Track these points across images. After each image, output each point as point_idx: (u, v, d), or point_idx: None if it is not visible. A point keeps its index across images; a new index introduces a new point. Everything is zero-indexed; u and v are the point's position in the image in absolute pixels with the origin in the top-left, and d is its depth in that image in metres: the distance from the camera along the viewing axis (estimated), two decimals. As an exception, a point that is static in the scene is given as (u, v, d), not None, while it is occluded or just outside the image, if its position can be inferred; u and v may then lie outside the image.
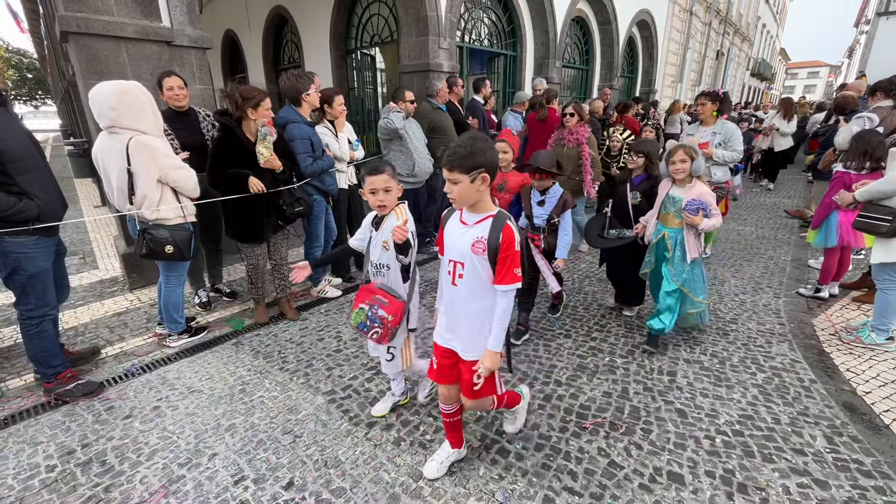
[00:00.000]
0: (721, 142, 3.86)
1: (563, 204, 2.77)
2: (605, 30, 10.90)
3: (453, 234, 1.66)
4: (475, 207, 1.60)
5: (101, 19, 3.37)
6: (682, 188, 2.70)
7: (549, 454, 2.03)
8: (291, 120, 3.22)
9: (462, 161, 1.47)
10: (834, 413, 2.28)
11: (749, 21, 23.25)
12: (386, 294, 1.99)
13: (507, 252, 1.54)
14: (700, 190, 2.64)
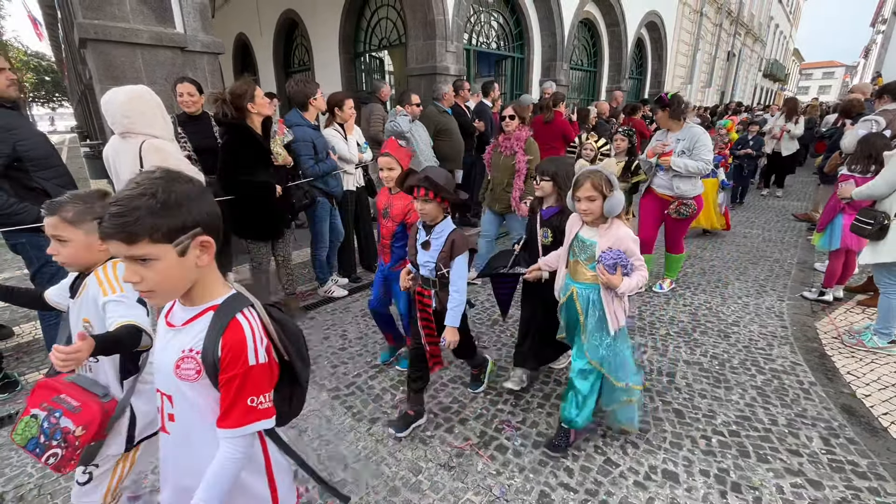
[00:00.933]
0: (685, 149, 3.29)
1: (452, 247, 1.95)
2: (613, 31, 10.90)
3: (157, 345, 1.07)
4: (190, 296, 0.99)
5: (117, 26, 3.48)
6: (595, 229, 1.93)
7: (547, 451, 2.07)
8: (296, 123, 3.31)
9: (153, 222, 0.85)
10: (832, 415, 2.30)
11: (761, 21, 23.01)
12: (79, 392, 1.25)
13: (232, 371, 0.95)
14: (618, 233, 1.87)
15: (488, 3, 7.95)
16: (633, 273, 1.84)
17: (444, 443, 2.13)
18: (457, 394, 2.51)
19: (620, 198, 1.84)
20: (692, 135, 3.29)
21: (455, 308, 2.00)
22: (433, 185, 1.86)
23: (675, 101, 3.27)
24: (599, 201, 1.83)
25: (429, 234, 2.00)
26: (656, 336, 3.12)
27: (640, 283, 1.84)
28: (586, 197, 1.83)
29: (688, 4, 13.70)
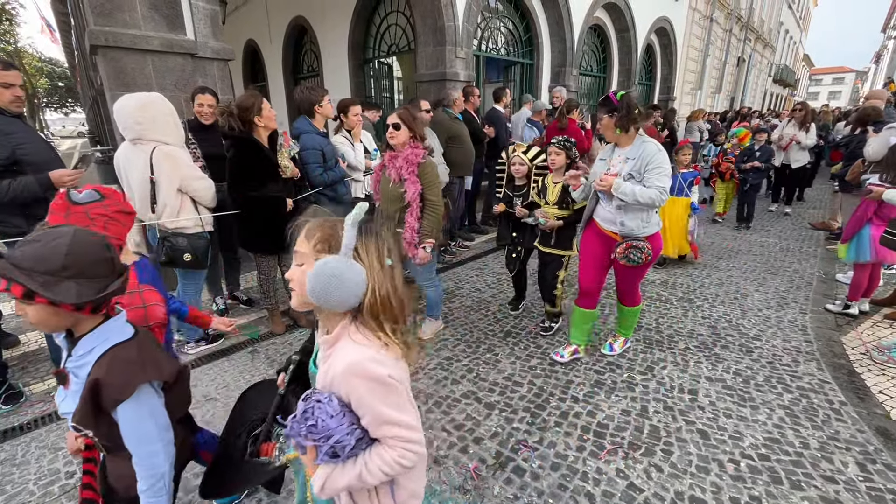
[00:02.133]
0: (635, 171, 2.39)
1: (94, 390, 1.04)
2: (622, 37, 10.83)
3: None
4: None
5: (128, 33, 3.47)
6: None
7: (566, 474, 1.98)
8: (304, 131, 3.26)
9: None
10: (866, 438, 2.18)
11: (771, 27, 22.84)
12: None
13: None
14: None
15: (498, 9, 7.92)
16: None
17: (458, 464, 2.04)
18: (470, 410, 2.42)
19: None
20: (645, 153, 2.37)
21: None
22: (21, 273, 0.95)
23: (626, 104, 2.36)
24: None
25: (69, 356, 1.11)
26: (675, 350, 3.02)
27: None
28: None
29: (698, 10, 13.61)
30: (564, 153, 2.91)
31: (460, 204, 5.22)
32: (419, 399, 2.50)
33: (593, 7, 9.21)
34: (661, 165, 2.35)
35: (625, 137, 2.48)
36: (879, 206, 3.21)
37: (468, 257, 4.96)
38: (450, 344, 3.12)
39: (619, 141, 2.51)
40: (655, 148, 2.38)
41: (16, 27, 28.12)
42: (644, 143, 2.42)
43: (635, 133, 2.47)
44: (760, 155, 5.90)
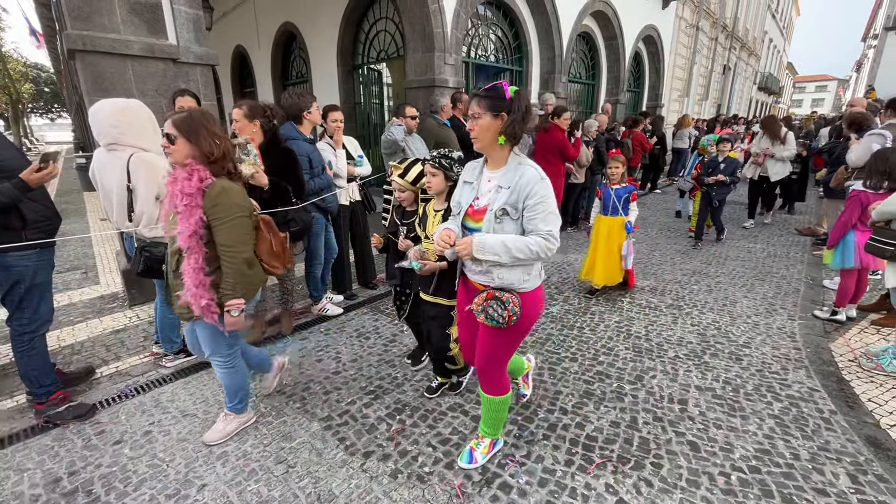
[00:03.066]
0: (510, 206, 1.69)
1: None
2: (611, 45, 10.94)
3: None
4: None
5: (107, 37, 3.39)
6: None
7: (554, 490, 1.92)
8: (291, 137, 3.20)
9: None
10: (857, 448, 2.16)
11: (755, 36, 23.28)
12: None
13: None
14: None
15: (487, 16, 7.95)
16: None
17: (443, 480, 1.98)
18: (456, 423, 2.36)
19: None
20: (524, 181, 1.66)
21: None
22: None
23: (522, 102, 1.66)
24: None
25: None
26: (665, 359, 2.99)
27: None
28: None
29: (684, 19, 13.81)
30: (442, 173, 2.14)
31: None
32: (404, 412, 2.44)
33: (581, 15, 9.29)
34: (545, 199, 1.65)
35: (499, 152, 1.74)
36: (863, 212, 3.23)
37: (457, 264, 4.91)
38: (437, 354, 3.05)
39: (492, 156, 1.78)
40: (536, 175, 1.66)
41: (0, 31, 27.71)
42: (521, 167, 1.69)
43: (510, 150, 1.74)
44: (725, 167, 5.35)
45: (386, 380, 2.76)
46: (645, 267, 4.86)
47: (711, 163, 5.51)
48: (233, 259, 1.88)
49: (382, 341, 3.25)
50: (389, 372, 2.85)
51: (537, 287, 1.83)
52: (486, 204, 1.74)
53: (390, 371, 2.86)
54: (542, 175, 1.69)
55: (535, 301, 1.82)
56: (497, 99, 1.63)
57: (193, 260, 1.85)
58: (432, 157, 2.16)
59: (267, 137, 2.97)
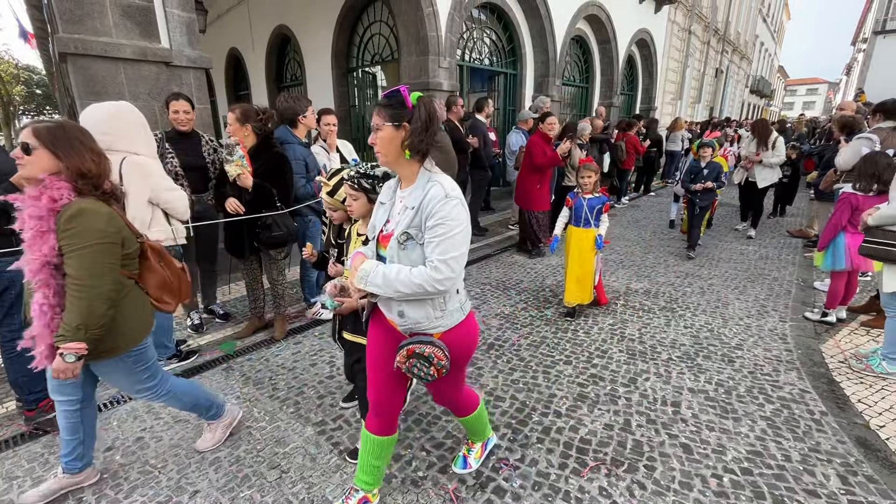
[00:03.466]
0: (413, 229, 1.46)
1: None
2: (604, 49, 11.01)
3: None
4: None
5: (99, 41, 3.37)
6: None
7: (548, 494, 1.92)
8: (286, 141, 3.20)
9: None
10: (847, 449, 2.18)
11: (747, 39, 23.53)
12: None
13: None
14: None
15: (481, 19, 7.98)
16: None
17: (437, 485, 1.97)
18: (450, 427, 2.36)
19: None
20: (429, 199, 1.42)
21: None
22: None
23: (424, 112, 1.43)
24: None
25: None
26: (658, 361, 3.00)
27: None
28: None
29: (676, 23, 13.93)
30: (364, 195, 1.83)
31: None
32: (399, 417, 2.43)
33: (575, 19, 9.35)
34: (445, 221, 1.38)
35: (408, 168, 1.49)
36: (853, 215, 3.27)
37: (452, 267, 4.91)
38: (431, 358, 3.05)
39: (402, 173, 1.53)
40: (441, 192, 1.41)
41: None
42: (430, 184, 1.44)
43: (419, 165, 1.49)
44: (709, 173, 5.14)
45: (380, 384, 2.75)
46: (639, 269, 4.88)
47: (694, 168, 5.30)
48: (81, 294, 1.54)
49: (377, 345, 3.24)
50: (384, 376, 2.84)
51: (462, 321, 1.59)
52: (392, 228, 1.52)
53: (385, 375, 2.85)
54: (450, 192, 1.42)
55: (463, 338, 1.59)
56: (398, 107, 1.41)
57: (42, 294, 1.57)
58: (350, 178, 1.84)
59: (259, 140, 2.97)
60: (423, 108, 1.42)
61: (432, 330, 1.54)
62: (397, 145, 1.43)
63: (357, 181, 1.83)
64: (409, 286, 1.40)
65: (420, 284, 1.39)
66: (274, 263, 3.19)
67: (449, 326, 1.56)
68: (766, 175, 5.79)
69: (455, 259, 1.41)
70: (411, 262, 1.45)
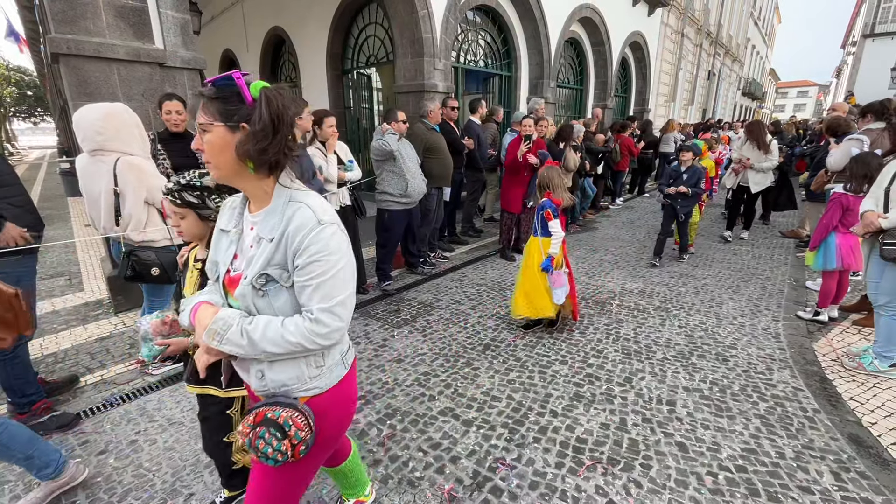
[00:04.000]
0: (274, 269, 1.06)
1: None
2: (598, 51, 11.08)
3: None
4: None
5: (91, 41, 3.35)
6: None
7: (545, 493, 1.93)
8: (282, 142, 3.19)
9: None
10: (840, 446, 2.20)
11: (739, 42, 23.77)
12: None
13: None
14: None
15: (476, 21, 8.01)
16: None
17: (434, 485, 1.97)
18: (447, 428, 2.36)
19: None
20: (295, 226, 1.05)
21: None
22: None
23: (273, 108, 1.02)
24: None
25: None
26: (653, 360, 3.02)
27: None
28: None
29: (669, 25, 14.05)
30: (192, 212, 1.46)
31: (439, 214, 5.19)
32: (395, 418, 2.43)
33: (569, 21, 9.40)
34: (322, 257, 1.04)
35: (254, 185, 1.09)
36: (844, 215, 3.31)
37: (448, 268, 4.92)
38: (428, 359, 3.06)
39: (248, 192, 1.12)
40: (312, 217, 1.05)
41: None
42: (292, 207, 1.07)
43: (272, 180, 1.09)
44: (688, 178, 4.83)
45: (376, 385, 2.75)
46: (633, 270, 4.91)
47: (673, 172, 4.99)
48: None
49: (373, 346, 3.24)
50: (380, 377, 2.84)
51: (341, 380, 1.20)
52: (241, 270, 1.10)
53: (381, 376, 2.85)
54: (323, 216, 1.04)
55: (340, 403, 1.21)
56: (232, 101, 1.01)
57: None
58: (168, 190, 1.44)
59: None
60: (269, 102, 1.00)
61: (303, 393, 1.14)
62: (234, 154, 1.00)
63: (178, 194, 1.42)
64: (282, 345, 1.03)
65: (298, 343, 1.03)
66: None
67: (325, 388, 1.16)
68: (758, 179, 5.54)
69: (342, 304, 1.06)
70: (276, 311, 1.07)
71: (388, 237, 4.24)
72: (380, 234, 4.26)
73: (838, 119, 4.64)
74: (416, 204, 4.27)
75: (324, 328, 1.05)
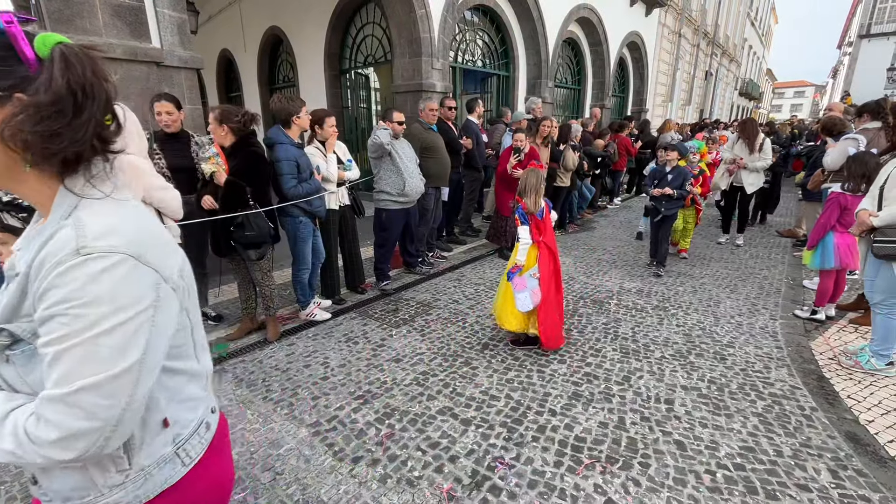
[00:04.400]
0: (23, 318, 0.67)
1: None
2: (596, 51, 11.11)
3: None
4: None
5: (88, 40, 3.33)
6: None
7: (543, 492, 1.93)
8: (278, 141, 3.18)
9: None
10: (837, 444, 2.21)
11: (736, 42, 23.85)
12: None
13: None
14: None
15: (474, 21, 8.01)
16: None
17: (432, 484, 1.97)
18: (446, 427, 2.35)
19: None
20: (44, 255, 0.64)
21: None
22: None
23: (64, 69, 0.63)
24: None
25: None
26: (651, 360, 3.02)
27: None
28: None
29: (667, 26, 14.09)
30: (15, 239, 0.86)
31: (437, 214, 5.18)
32: (393, 417, 2.43)
33: (567, 21, 9.42)
34: (75, 309, 0.62)
35: (31, 190, 0.71)
36: (842, 214, 3.32)
37: (446, 268, 4.92)
38: (426, 358, 3.05)
39: (30, 199, 0.74)
40: (72, 245, 0.64)
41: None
42: (61, 225, 0.68)
43: (57, 182, 0.70)
44: (673, 179, 4.48)
45: (375, 384, 2.75)
46: (631, 269, 4.92)
47: (657, 173, 4.64)
48: None
49: (371, 346, 3.23)
50: (378, 376, 2.83)
51: (173, 486, 0.82)
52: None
53: (379, 376, 2.84)
54: (93, 242, 0.65)
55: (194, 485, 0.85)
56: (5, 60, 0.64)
57: None
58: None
59: (236, 139, 2.98)
60: (68, 65, 0.65)
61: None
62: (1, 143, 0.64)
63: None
64: (6, 443, 0.66)
65: (12, 452, 0.66)
66: (255, 264, 3.17)
67: (145, 498, 0.79)
68: (752, 179, 5.34)
69: (94, 390, 0.64)
70: (32, 388, 0.70)
71: (386, 237, 4.23)
72: (378, 234, 4.25)
73: (834, 118, 4.66)
74: (414, 203, 4.27)
75: (52, 432, 0.63)
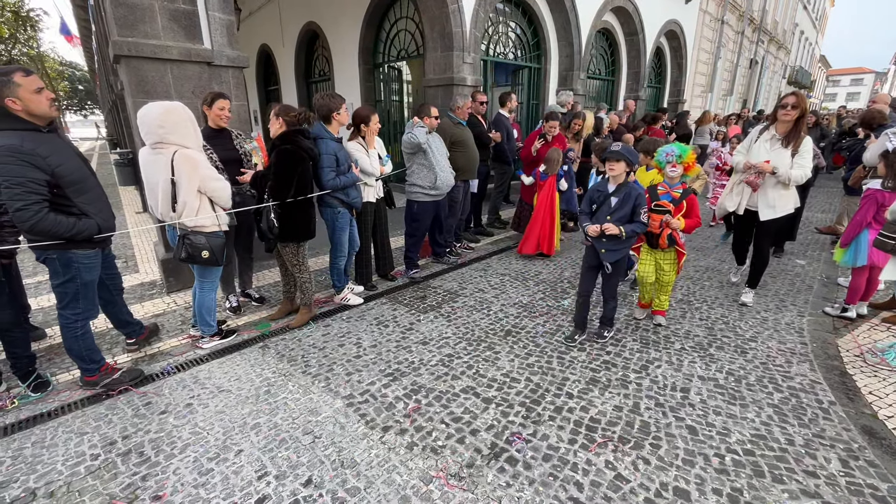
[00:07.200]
0: None
1: None
2: (631, 41, 10.86)
3: None
4: None
5: (149, 43, 3.66)
6: None
7: (557, 465, 2.08)
8: (320, 136, 3.42)
9: None
10: (851, 436, 2.25)
11: (785, 28, 22.58)
12: None
13: None
14: None
15: (506, 13, 8.03)
16: None
17: (454, 453, 2.16)
18: (468, 404, 2.54)
19: None
20: None
21: None
22: None
23: None
24: None
25: None
26: (671, 350, 3.10)
27: None
28: None
29: (708, 12, 13.56)
30: None
31: (466, 206, 5.33)
32: (420, 393, 2.63)
33: (601, 11, 9.28)
34: None
35: None
36: (878, 211, 3.26)
37: (473, 258, 5.08)
38: (451, 342, 3.24)
39: None
40: None
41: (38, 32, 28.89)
42: None
43: None
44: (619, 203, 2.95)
45: (403, 364, 2.96)
46: (658, 263, 4.92)
47: (596, 194, 3.05)
48: None
49: (400, 329, 3.45)
50: (406, 357, 3.04)
51: None
52: None
53: (407, 356, 3.05)
54: None
55: None
56: None
57: None
58: None
59: (279, 134, 3.20)
60: None
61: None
62: None
63: None
64: None
65: None
66: (288, 255, 3.41)
67: None
68: (776, 198, 3.37)
69: None
70: None
71: (416, 227, 4.43)
72: (409, 224, 4.45)
73: (872, 111, 4.49)
74: (444, 196, 4.44)
75: None
